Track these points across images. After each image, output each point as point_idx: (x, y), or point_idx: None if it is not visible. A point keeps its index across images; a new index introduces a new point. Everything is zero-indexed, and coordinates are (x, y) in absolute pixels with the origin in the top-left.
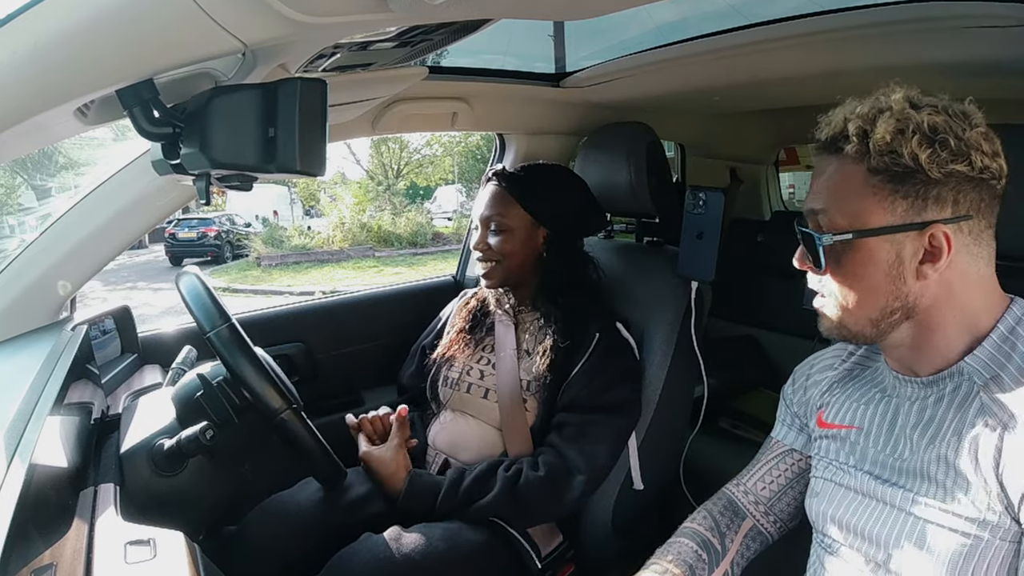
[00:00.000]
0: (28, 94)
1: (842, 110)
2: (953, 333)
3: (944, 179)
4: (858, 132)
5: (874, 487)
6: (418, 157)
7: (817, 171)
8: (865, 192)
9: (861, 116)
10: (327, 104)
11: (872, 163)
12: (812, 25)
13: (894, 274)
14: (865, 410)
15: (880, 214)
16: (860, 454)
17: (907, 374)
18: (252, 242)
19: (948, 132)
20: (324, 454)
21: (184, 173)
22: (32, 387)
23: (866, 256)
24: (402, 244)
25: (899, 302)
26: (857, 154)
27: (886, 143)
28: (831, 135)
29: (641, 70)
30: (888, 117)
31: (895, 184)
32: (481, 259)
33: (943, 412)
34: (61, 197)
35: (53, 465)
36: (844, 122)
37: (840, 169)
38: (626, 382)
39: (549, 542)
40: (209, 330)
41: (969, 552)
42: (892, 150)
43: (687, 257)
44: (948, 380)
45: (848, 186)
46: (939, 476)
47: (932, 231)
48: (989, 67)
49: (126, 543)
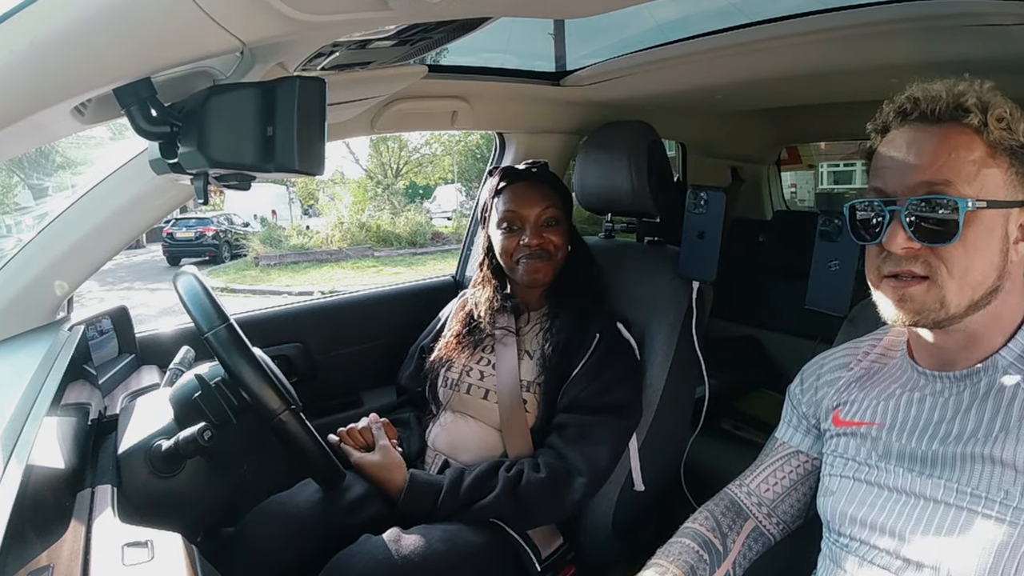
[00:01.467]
0: (25, 93)
1: (935, 85)
2: (1008, 320)
3: None
4: (979, 105)
5: (909, 481)
6: (417, 156)
7: (917, 141)
8: (989, 163)
9: (976, 92)
10: (326, 103)
11: (992, 136)
12: (815, 23)
13: (1004, 249)
14: (886, 406)
15: (1002, 187)
16: (884, 449)
17: (937, 369)
18: (250, 242)
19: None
20: (323, 455)
21: (182, 172)
22: (29, 388)
23: (989, 228)
24: (401, 244)
25: (1000, 280)
26: (979, 124)
27: (1003, 117)
28: (947, 102)
29: (642, 69)
30: (999, 98)
31: (1012, 158)
32: (527, 257)
33: (982, 405)
34: (58, 196)
35: (50, 466)
36: (954, 95)
37: (958, 138)
38: (627, 383)
39: (549, 543)
40: (207, 330)
41: (1015, 542)
42: (1007, 126)
43: (688, 257)
44: (983, 373)
45: (971, 155)
46: (982, 469)
47: None
48: (994, 66)
49: (124, 545)
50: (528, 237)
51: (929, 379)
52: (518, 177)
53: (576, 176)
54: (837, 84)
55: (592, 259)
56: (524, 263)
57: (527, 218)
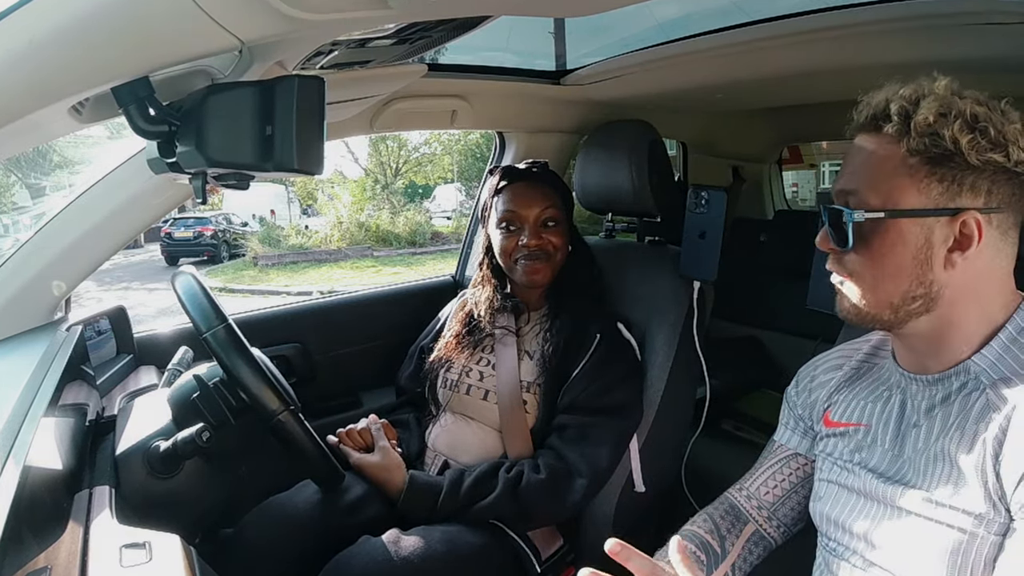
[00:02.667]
0: (22, 92)
1: (883, 92)
2: (971, 329)
3: (981, 167)
4: (900, 112)
5: (875, 487)
6: (417, 156)
7: (852, 152)
8: (901, 172)
9: (904, 97)
10: (325, 102)
11: (912, 144)
12: (816, 22)
13: (921, 258)
14: (872, 408)
15: (914, 196)
16: (867, 452)
17: (915, 371)
18: (249, 241)
19: (988, 122)
20: (322, 456)
21: (180, 172)
22: (26, 388)
23: (895, 237)
24: (401, 243)
25: (922, 288)
26: (897, 134)
27: (928, 124)
28: (871, 114)
29: (643, 67)
30: (932, 100)
31: (932, 166)
32: (526, 257)
33: (948, 408)
34: (56, 196)
35: (48, 467)
36: (886, 102)
37: (877, 148)
38: (627, 383)
39: (549, 545)
40: (205, 331)
41: (966, 548)
42: (933, 132)
43: (689, 257)
44: (955, 378)
45: (884, 165)
46: (940, 471)
47: (965, 217)
48: (998, 64)
49: (121, 546)
50: (527, 237)
51: (908, 381)
52: (518, 177)
53: (576, 176)
54: (839, 83)
55: (593, 259)
56: (523, 263)
57: (526, 218)
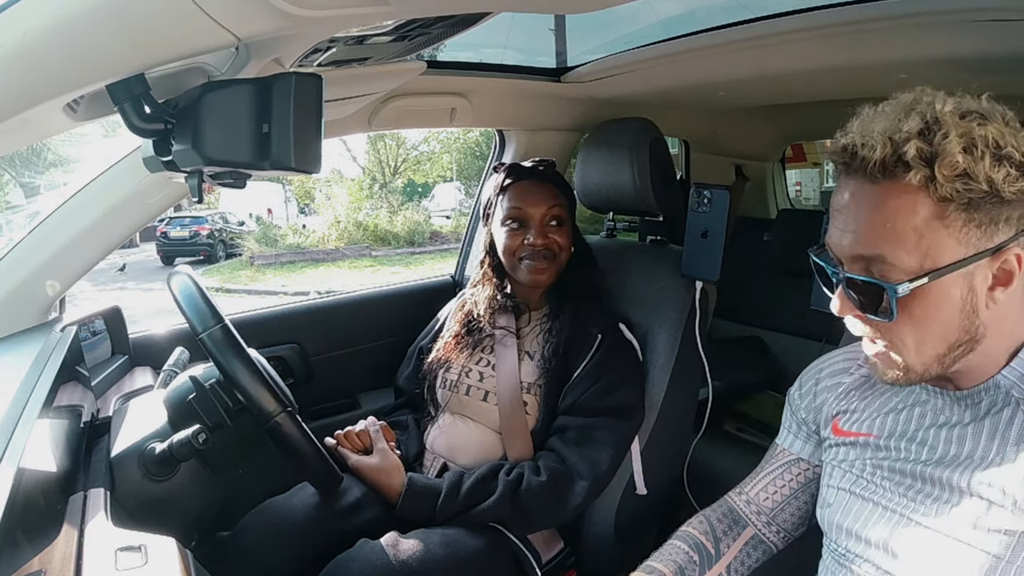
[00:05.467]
0: (16, 89)
1: (875, 125)
2: (1002, 348)
3: (1016, 198)
4: (920, 155)
5: (895, 499)
6: (416, 154)
7: (853, 205)
8: (935, 226)
9: (914, 133)
10: (323, 100)
11: (941, 192)
12: (819, 19)
13: (968, 309)
14: (886, 419)
15: (954, 248)
16: (880, 463)
17: (940, 386)
18: (246, 241)
19: (1009, 145)
20: (319, 458)
21: (176, 170)
22: (20, 390)
23: (939, 296)
24: (399, 243)
25: (968, 335)
26: (922, 182)
27: (957, 166)
28: (881, 159)
29: (644, 65)
30: (952, 136)
31: (969, 212)
32: (530, 257)
33: (979, 423)
34: (50, 195)
35: (42, 469)
36: (892, 144)
37: (896, 200)
38: (629, 384)
39: (550, 548)
40: (201, 331)
41: (1003, 571)
42: (964, 173)
43: (691, 256)
44: (984, 393)
45: (912, 220)
46: (975, 491)
47: (1006, 255)
48: (1003, 62)
49: (117, 549)
50: (533, 236)
51: (932, 395)
52: (524, 175)
53: (577, 174)
54: (843, 80)
55: (595, 260)
56: (527, 263)
57: (532, 216)
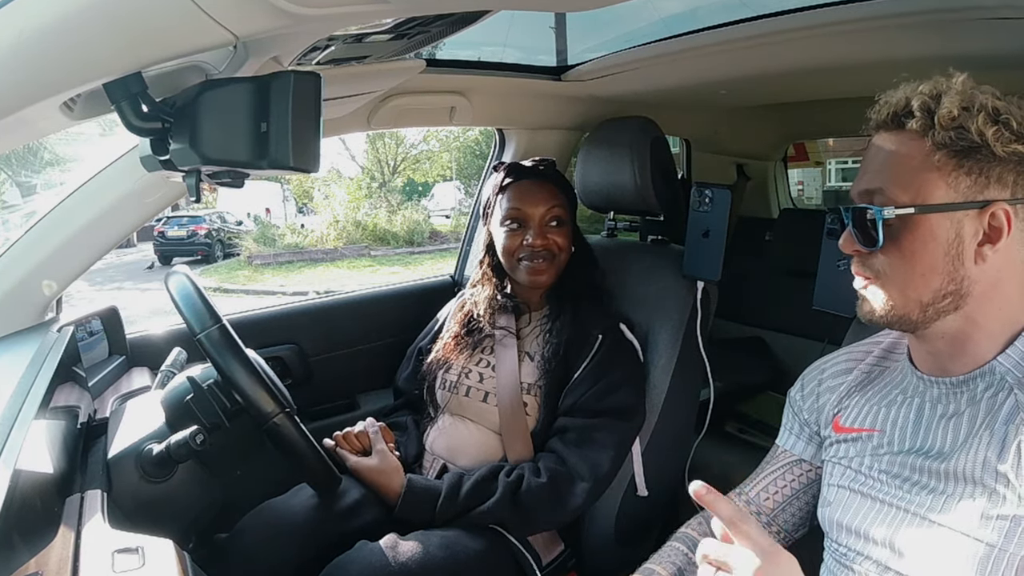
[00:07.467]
0: (12, 88)
1: (902, 90)
2: (995, 329)
3: (1007, 158)
4: (923, 107)
5: (894, 493)
6: (415, 153)
7: (873, 151)
8: (928, 166)
9: (925, 93)
10: (321, 98)
11: (937, 138)
12: (823, 17)
13: (953, 254)
14: (887, 412)
15: (943, 190)
16: (880, 457)
17: (936, 374)
18: (244, 240)
19: (1009, 114)
20: (318, 459)
21: (174, 169)
22: (17, 390)
23: (927, 233)
24: (398, 242)
25: (953, 285)
26: (921, 129)
27: (953, 118)
28: (892, 111)
29: (645, 63)
30: (954, 95)
31: (959, 159)
32: (529, 257)
33: (975, 413)
34: (47, 194)
35: (38, 471)
36: (906, 99)
37: (901, 145)
38: (630, 385)
39: (550, 550)
40: (199, 331)
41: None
42: (959, 125)
43: (693, 256)
44: (980, 380)
45: (911, 161)
46: (969, 479)
47: (994, 209)
48: (1008, 60)
49: (114, 551)
50: (532, 236)
51: (928, 384)
52: (524, 174)
53: (578, 173)
54: (846, 79)
55: (595, 260)
56: (526, 263)
57: (532, 216)
